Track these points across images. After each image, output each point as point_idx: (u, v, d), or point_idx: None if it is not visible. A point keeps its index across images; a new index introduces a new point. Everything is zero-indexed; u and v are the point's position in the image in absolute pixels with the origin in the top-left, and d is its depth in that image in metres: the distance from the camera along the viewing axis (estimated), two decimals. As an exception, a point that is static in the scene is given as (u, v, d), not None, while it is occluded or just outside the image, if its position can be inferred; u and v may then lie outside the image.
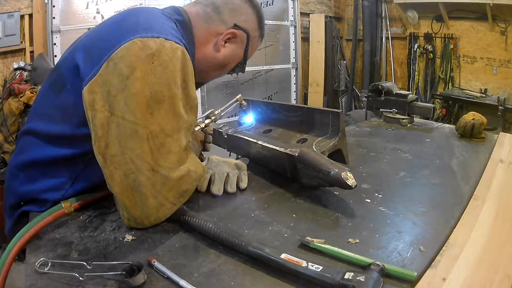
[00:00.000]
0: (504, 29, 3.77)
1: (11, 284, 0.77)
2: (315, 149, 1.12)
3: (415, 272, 0.67)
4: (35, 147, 0.92)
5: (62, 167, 0.92)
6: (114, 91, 0.77)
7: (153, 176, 0.80)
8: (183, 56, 0.82)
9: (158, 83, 0.78)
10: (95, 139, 0.80)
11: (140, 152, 0.78)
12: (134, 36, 0.78)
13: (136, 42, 0.77)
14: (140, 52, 0.76)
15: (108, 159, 0.79)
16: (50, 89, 0.93)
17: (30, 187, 0.93)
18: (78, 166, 0.92)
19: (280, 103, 1.45)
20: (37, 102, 0.99)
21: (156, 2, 3.11)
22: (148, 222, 0.84)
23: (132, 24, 0.82)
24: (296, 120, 1.33)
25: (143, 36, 0.78)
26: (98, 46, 0.82)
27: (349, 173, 0.91)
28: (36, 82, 2.37)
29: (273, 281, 0.69)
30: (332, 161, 0.97)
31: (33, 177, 0.93)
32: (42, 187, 0.92)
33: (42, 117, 0.93)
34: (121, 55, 0.77)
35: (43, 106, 0.95)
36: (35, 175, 0.93)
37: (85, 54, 0.84)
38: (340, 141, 1.19)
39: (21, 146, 0.97)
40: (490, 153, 1.29)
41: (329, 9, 5.11)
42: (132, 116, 0.77)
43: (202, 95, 3.44)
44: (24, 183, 0.93)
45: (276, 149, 1.10)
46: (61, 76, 0.89)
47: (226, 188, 1.05)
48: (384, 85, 1.92)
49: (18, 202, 0.94)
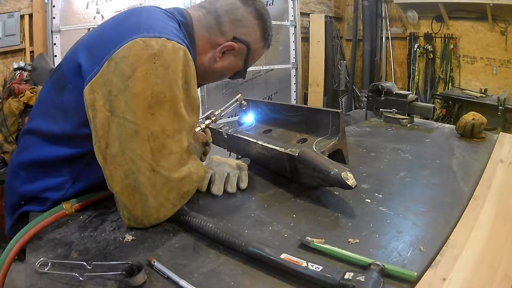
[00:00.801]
0: (504, 29, 3.77)
1: (11, 284, 0.77)
2: (315, 149, 1.12)
3: (415, 272, 0.67)
4: (37, 147, 0.92)
5: (63, 166, 0.92)
6: (115, 91, 0.76)
7: (154, 177, 0.79)
8: (185, 56, 0.81)
9: (160, 84, 0.77)
10: (95, 139, 0.80)
11: (141, 152, 0.78)
12: (136, 35, 0.77)
13: (138, 42, 0.76)
14: (142, 52, 0.76)
15: (108, 159, 0.79)
16: (52, 88, 0.93)
17: (31, 186, 0.93)
18: (79, 166, 0.92)
19: (280, 103, 1.45)
20: (39, 101, 0.99)
21: (156, 2, 3.11)
22: (148, 222, 0.84)
23: (133, 24, 0.82)
24: (296, 120, 1.33)
25: (145, 35, 0.77)
26: (99, 46, 0.82)
27: (349, 173, 0.91)
28: (36, 82, 2.37)
29: (273, 281, 0.69)
30: (332, 161, 0.97)
31: (34, 176, 0.93)
32: (43, 187, 0.92)
33: (44, 116, 0.92)
34: (122, 55, 0.76)
35: (45, 105, 0.95)
36: (36, 174, 0.93)
37: (87, 53, 0.83)
38: (340, 141, 1.18)
39: (23, 145, 0.97)
40: (490, 153, 1.29)
41: (329, 9, 5.10)
42: (133, 117, 0.76)
43: (202, 95, 3.44)
44: (25, 182, 0.93)
45: (276, 149, 1.10)
46: (63, 76, 0.88)
47: (226, 188, 1.05)
48: (384, 85, 1.92)
49: (19, 201, 0.94)
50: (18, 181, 0.94)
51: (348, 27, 5.15)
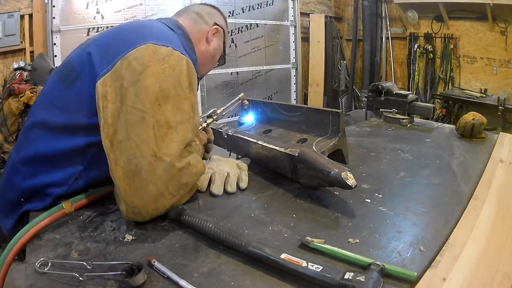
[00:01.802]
0: (504, 29, 3.77)
1: (11, 284, 0.77)
2: (315, 149, 1.12)
3: (415, 272, 0.67)
4: (41, 140, 0.95)
5: (68, 160, 0.95)
6: (126, 84, 0.85)
7: (155, 162, 0.83)
8: (187, 64, 0.93)
9: (167, 81, 0.87)
10: (104, 126, 0.86)
11: (145, 137, 0.84)
12: (148, 41, 0.89)
13: (150, 46, 0.88)
14: (153, 55, 0.88)
15: (114, 144, 0.85)
16: (60, 82, 0.98)
17: (33, 182, 0.94)
18: (84, 159, 0.95)
19: (280, 103, 1.45)
20: (42, 96, 1.02)
21: (156, 2, 3.11)
22: (146, 212, 0.85)
23: (147, 32, 0.95)
24: (296, 120, 1.33)
25: (156, 43, 0.90)
26: (114, 46, 0.92)
27: (349, 173, 0.91)
28: (36, 82, 2.37)
29: (273, 281, 0.69)
30: (332, 161, 0.97)
31: (36, 172, 0.95)
32: (45, 182, 0.94)
33: (50, 109, 0.97)
34: (135, 55, 0.87)
35: (50, 99, 0.99)
36: (39, 169, 0.95)
37: (101, 51, 0.93)
38: (340, 141, 1.18)
39: (24, 140, 0.99)
40: (490, 153, 1.29)
41: (329, 9, 5.10)
42: (141, 105, 0.84)
43: (202, 95, 3.43)
44: (26, 177, 0.95)
45: (276, 149, 1.10)
46: (73, 70, 0.96)
47: (226, 188, 1.05)
48: (384, 85, 1.92)
49: (19, 198, 0.96)
50: (19, 177, 0.96)
51: (348, 27, 5.15)
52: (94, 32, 2.82)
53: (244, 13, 3.81)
